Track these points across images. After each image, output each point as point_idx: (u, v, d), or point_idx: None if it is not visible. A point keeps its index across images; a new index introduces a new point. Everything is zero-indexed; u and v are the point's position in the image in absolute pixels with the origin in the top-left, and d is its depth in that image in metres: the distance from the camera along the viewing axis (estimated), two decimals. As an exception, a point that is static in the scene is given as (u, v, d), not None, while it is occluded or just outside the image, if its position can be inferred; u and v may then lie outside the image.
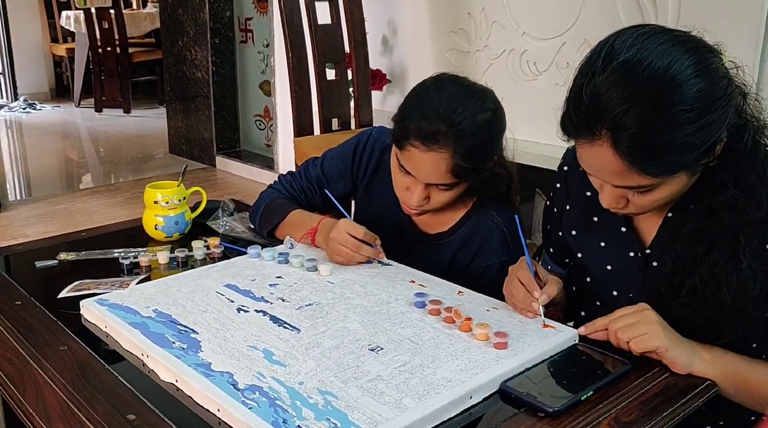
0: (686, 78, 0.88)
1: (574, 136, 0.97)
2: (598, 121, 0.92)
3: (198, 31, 4.49)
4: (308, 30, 2.72)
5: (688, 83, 0.88)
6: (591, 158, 0.97)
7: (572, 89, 0.97)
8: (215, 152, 4.65)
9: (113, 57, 6.10)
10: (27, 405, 0.90)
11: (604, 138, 0.92)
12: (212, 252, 1.40)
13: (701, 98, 0.89)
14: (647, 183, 0.94)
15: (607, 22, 2.29)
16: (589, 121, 0.93)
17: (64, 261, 1.38)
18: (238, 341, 1.01)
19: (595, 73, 0.92)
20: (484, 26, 2.67)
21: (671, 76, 0.88)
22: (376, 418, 0.82)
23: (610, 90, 0.90)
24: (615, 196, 1.00)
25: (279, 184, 1.54)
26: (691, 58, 0.89)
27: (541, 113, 2.61)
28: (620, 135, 0.90)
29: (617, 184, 0.97)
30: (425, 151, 1.22)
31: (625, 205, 1.01)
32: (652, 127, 0.89)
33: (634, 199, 0.99)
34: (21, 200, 4.05)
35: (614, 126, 0.90)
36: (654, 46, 0.90)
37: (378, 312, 1.10)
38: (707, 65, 0.90)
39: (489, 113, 1.26)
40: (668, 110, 0.88)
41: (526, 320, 1.08)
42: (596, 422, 0.87)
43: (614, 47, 0.92)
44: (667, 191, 0.97)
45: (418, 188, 1.28)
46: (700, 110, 0.89)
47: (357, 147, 1.49)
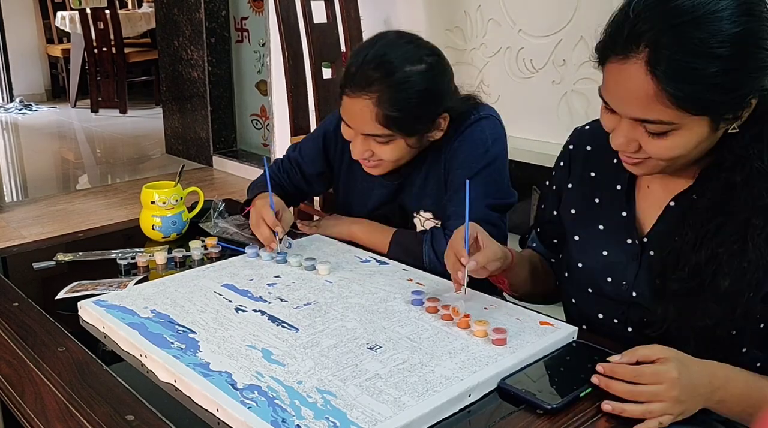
0: (729, 14, 0.88)
1: (609, 53, 0.95)
2: (639, 35, 0.91)
3: (194, 30, 4.48)
4: (304, 29, 2.72)
5: (730, 20, 0.88)
6: (620, 79, 0.95)
7: (618, 10, 0.97)
8: (212, 152, 4.65)
9: (109, 57, 6.09)
10: (25, 406, 0.90)
11: (641, 54, 0.91)
12: (210, 252, 1.39)
13: (741, 38, 0.88)
14: (668, 118, 0.92)
15: (604, 19, 2.28)
16: (629, 35, 0.92)
17: (61, 263, 1.38)
18: (236, 341, 1.01)
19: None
20: (480, 24, 2.67)
21: (715, 9, 0.88)
22: (375, 417, 0.82)
23: (656, 9, 0.91)
24: (628, 137, 0.97)
25: (271, 169, 1.59)
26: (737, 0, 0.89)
27: (537, 111, 2.62)
28: (658, 52, 0.90)
29: (637, 116, 0.95)
30: (352, 97, 1.27)
31: (635, 151, 0.98)
32: (689, 52, 0.89)
33: (646, 144, 0.96)
34: (18, 201, 4.04)
35: (654, 42, 0.90)
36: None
37: (376, 310, 1.10)
38: (755, 8, 0.90)
39: (422, 65, 1.26)
40: (707, 39, 0.88)
41: (524, 318, 1.08)
42: (594, 419, 0.87)
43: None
44: (684, 139, 0.94)
45: (358, 140, 1.32)
46: (737, 49, 0.88)
47: (327, 128, 1.54)
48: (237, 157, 4.56)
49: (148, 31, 6.65)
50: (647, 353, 0.90)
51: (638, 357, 0.90)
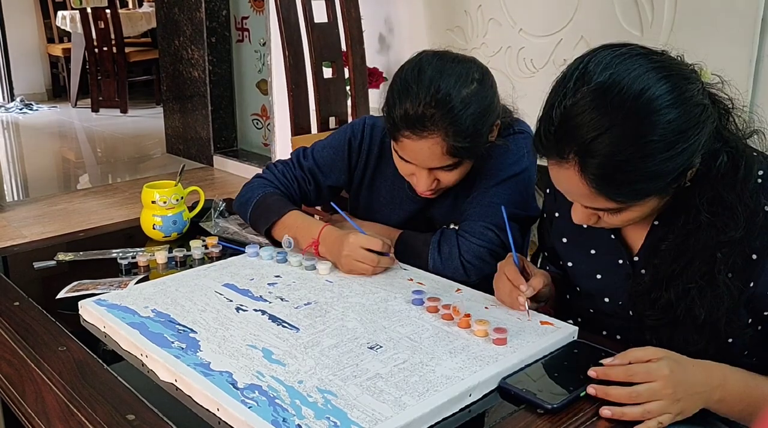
0: (658, 107, 0.87)
1: (545, 155, 0.97)
2: (566, 144, 0.91)
3: (194, 30, 4.48)
4: (305, 28, 2.72)
5: (660, 112, 0.87)
6: (559, 179, 0.97)
7: (544, 109, 0.96)
8: (212, 151, 4.65)
9: (109, 57, 6.09)
10: (26, 406, 0.90)
11: (572, 162, 0.92)
12: (210, 251, 1.39)
13: (673, 128, 0.88)
14: (615, 206, 0.95)
15: (604, 19, 2.29)
16: (557, 144, 0.93)
17: (62, 262, 1.38)
18: (237, 340, 1.01)
19: (566, 95, 0.91)
20: (481, 24, 2.67)
21: (643, 105, 0.87)
22: (376, 416, 0.82)
23: (580, 115, 0.90)
24: (586, 214, 1.00)
25: (269, 173, 1.48)
26: (665, 86, 0.88)
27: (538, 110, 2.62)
28: (587, 161, 0.90)
29: (587, 205, 0.98)
30: (417, 139, 1.20)
31: (596, 221, 1.01)
32: (620, 156, 0.88)
33: (604, 218, 0.99)
34: (18, 201, 4.04)
35: (582, 151, 0.90)
36: (628, 71, 0.88)
37: (376, 310, 1.10)
38: (682, 93, 0.89)
39: (474, 85, 1.22)
40: (638, 140, 0.88)
41: (524, 317, 1.08)
42: (595, 419, 0.87)
43: (588, 69, 0.91)
44: (637, 213, 0.97)
45: (423, 174, 1.27)
46: (670, 140, 0.88)
47: (352, 138, 1.46)
48: (237, 157, 4.56)
49: (148, 31, 6.65)
50: (640, 354, 0.91)
51: (631, 358, 0.90)
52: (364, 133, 1.45)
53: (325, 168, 1.47)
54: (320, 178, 1.47)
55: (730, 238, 0.94)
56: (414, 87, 1.20)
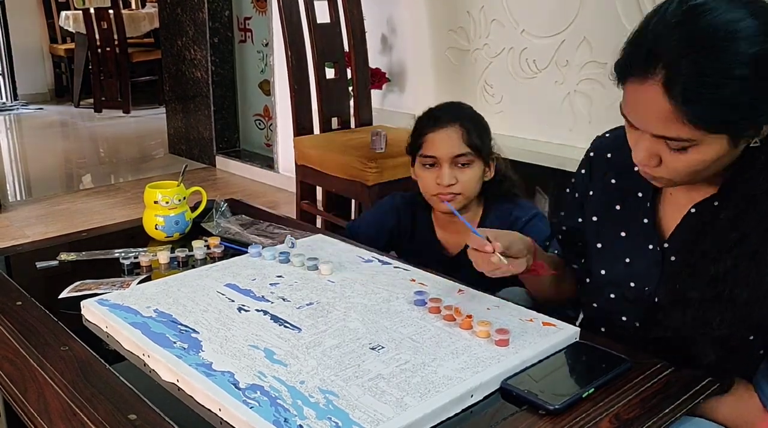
0: (748, 35, 0.88)
1: (627, 74, 0.95)
2: (656, 57, 0.91)
3: (197, 30, 4.49)
4: (307, 29, 2.72)
5: (749, 41, 0.88)
6: (638, 99, 0.95)
7: (638, 27, 0.96)
8: (215, 152, 4.65)
9: (112, 57, 6.10)
10: (28, 405, 0.90)
11: (658, 76, 0.91)
12: (213, 251, 1.40)
13: (758, 62, 0.88)
14: (687, 135, 0.92)
15: (606, 20, 2.29)
16: (647, 57, 0.92)
17: (64, 262, 1.38)
18: (238, 340, 1.01)
19: (665, 13, 0.92)
20: (483, 24, 2.67)
21: (734, 30, 0.88)
22: (378, 417, 0.82)
23: (674, 30, 0.90)
24: (649, 152, 0.97)
25: None
26: (755, 21, 0.89)
27: (540, 111, 2.62)
28: (674, 74, 0.89)
29: (656, 133, 0.95)
30: (438, 130, 1.52)
31: (657, 165, 0.98)
32: (706, 73, 0.88)
33: (667, 158, 0.96)
34: (21, 201, 4.05)
35: (671, 64, 0.90)
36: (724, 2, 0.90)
37: (378, 310, 1.10)
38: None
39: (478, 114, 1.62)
40: (725, 61, 0.88)
41: (526, 318, 1.08)
42: (597, 419, 0.87)
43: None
44: (703, 155, 0.94)
45: (445, 167, 1.51)
46: (755, 71, 0.88)
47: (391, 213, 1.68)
48: (240, 157, 4.56)
49: (151, 31, 6.65)
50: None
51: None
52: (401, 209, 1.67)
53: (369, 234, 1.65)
54: None
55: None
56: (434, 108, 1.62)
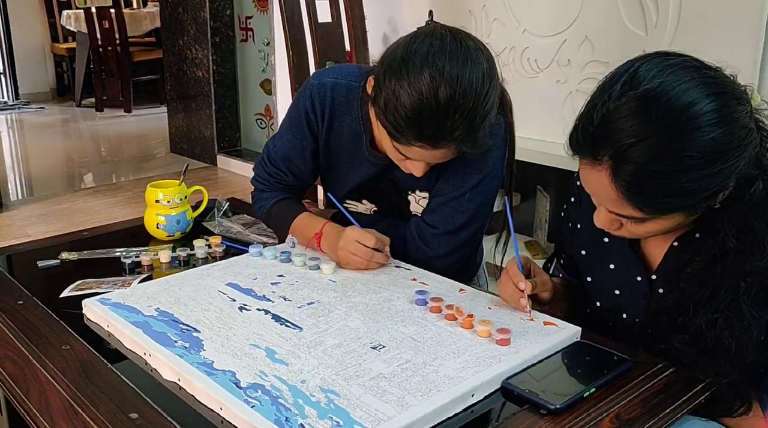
0: (703, 123, 0.85)
1: (578, 154, 0.96)
2: (602, 146, 0.90)
3: (198, 29, 4.49)
4: (309, 28, 2.73)
5: (704, 129, 0.85)
6: (589, 180, 0.96)
7: (586, 106, 0.94)
8: (216, 151, 4.65)
9: (114, 56, 6.10)
10: (30, 404, 0.90)
11: (605, 165, 0.91)
12: (214, 251, 1.40)
13: (713, 148, 0.86)
14: (639, 215, 0.93)
15: (608, 19, 2.28)
16: (593, 144, 0.91)
17: (66, 261, 1.38)
18: (240, 340, 1.01)
19: (612, 97, 0.90)
20: (485, 24, 2.67)
21: (688, 119, 0.85)
22: (379, 416, 0.82)
23: (622, 119, 0.88)
24: (609, 219, 0.99)
25: (259, 178, 1.47)
26: (713, 103, 0.86)
27: (542, 110, 2.62)
28: (621, 167, 0.89)
29: (611, 210, 0.96)
30: (431, 148, 1.14)
31: (618, 228, 1.00)
32: (654, 167, 0.87)
33: (627, 226, 0.98)
34: (22, 200, 4.05)
35: (617, 156, 0.89)
36: (678, 83, 0.87)
37: (380, 310, 1.10)
38: (729, 113, 0.87)
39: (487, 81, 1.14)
40: (677, 153, 0.86)
41: (527, 317, 1.08)
42: (598, 419, 0.87)
43: (638, 73, 0.89)
44: (662, 226, 0.96)
45: (422, 165, 1.21)
46: (708, 159, 0.86)
47: (307, 110, 1.37)
48: (241, 156, 4.57)
49: (152, 30, 6.65)
50: None
51: None
52: (314, 99, 1.35)
53: (293, 153, 1.41)
54: (297, 165, 1.42)
55: (755, 267, 0.92)
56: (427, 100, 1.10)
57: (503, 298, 1.12)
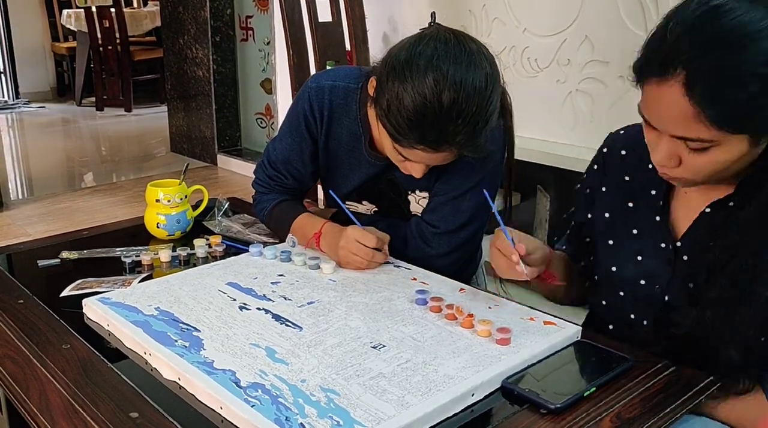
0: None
1: (646, 74, 0.94)
2: (675, 58, 0.89)
3: (199, 29, 4.49)
4: (309, 27, 2.73)
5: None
6: (658, 100, 0.93)
7: (657, 27, 0.94)
8: (216, 150, 4.65)
9: (114, 55, 6.11)
10: (30, 403, 0.90)
11: (678, 77, 0.89)
12: (214, 250, 1.40)
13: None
14: (708, 136, 0.91)
15: (608, 19, 2.28)
16: (666, 58, 0.90)
17: (66, 260, 1.38)
18: (240, 339, 1.01)
19: (685, 12, 0.90)
20: (485, 23, 2.67)
21: (755, 30, 0.86)
22: (379, 416, 0.82)
23: (694, 30, 0.88)
24: (669, 152, 0.96)
25: (260, 181, 1.48)
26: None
27: (542, 110, 2.62)
28: (695, 75, 0.88)
29: (676, 134, 0.93)
30: (433, 151, 1.15)
31: (676, 165, 0.97)
32: (727, 73, 0.87)
33: (687, 159, 0.95)
34: (23, 199, 4.06)
35: (691, 65, 0.88)
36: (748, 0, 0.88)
37: (380, 309, 1.10)
38: None
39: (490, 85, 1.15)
40: (746, 60, 0.86)
41: (527, 317, 1.08)
42: (598, 418, 0.87)
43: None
44: (724, 155, 0.93)
45: (422, 167, 1.21)
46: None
47: (306, 113, 1.37)
48: (241, 156, 4.57)
49: (153, 30, 6.66)
50: None
51: None
52: (312, 102, 1.36)
53: (293, 156, 1.42)
54: (296, 168, 1.43)
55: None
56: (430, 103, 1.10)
57: (499, 273, 1.11)
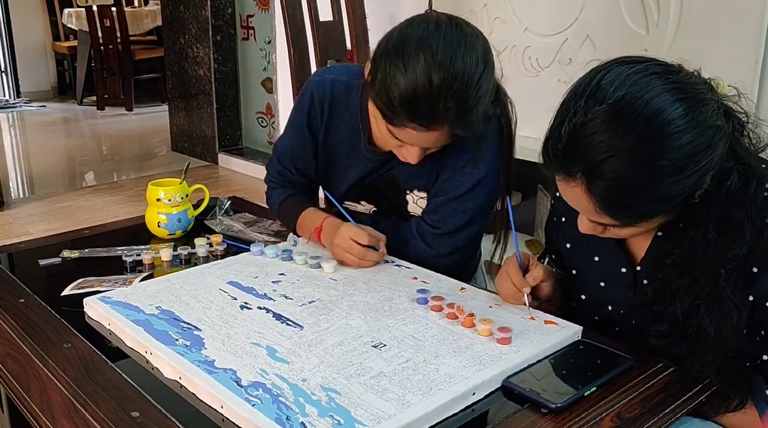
0: (671, 132, 0.85)
1: (550, 171, 0.96)
2: (573, 163, 0.90)
3: (199, 28, 4.49)
4: (310, 26, 2.73)
5: (672, 137, 0.85)
6: (566, 194, 0.96)
7: (553, 124, 0.94)
8: (217, 149, 4.65)
9: (115, 55, 6.10)
10: (31, 402, 0.90)
11: (579, 180, 0.91)
12: (215, 249, 1.40)
13: (684, 153, 0.86)
14: (619, 223, 0.94)
15: (610, 18, 2.28)
16: (565, 162, 0.91)
17: (67, 259, 1.38)
18: (241, 338, 1.01)
19: (577, 112, 0.89)
20: (486, 22, 2.67)
21: (655, 129, 0.85)
22: (380, 415, 0.82)
23: (589, 135, 0.88)
24: (592, 225, 0.99)
25: (270, 176, 1.52)
26: (679, 109, 0.86)
27: (543, 109, 2.61)
28: (594, 182, 0.89)
29: (590, 219, 0.97)
30: (425, 130, 1.15)
31: (602, 231, 1.00)
32: (628, 180, 0.87)
33: (611, 230, 0.98)
34: (24, 198, 4.06)
35: (589, 172, 0.89)
36: (642, 93, 0.86)
37: (381, 308, 1.10)
38: (695, 117, 0.86)
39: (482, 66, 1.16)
40: (648, 164, 0.86)
41: (528, 316, 1.08)
42: (599, 418, 0.87)
43: (600, 86, 0.89)
44: (644, 228, 0.96)
45: (417, 150, 1.21)
46: (680, 166, 0.86)
47: (310, 108, 1.39)
48: (242, 155, 4.57)
49: (154, 29, 6.65)
50: None
51: None
52: (313, 95, 1.38)
53: (298, 151, 1.43)
54: (302, 163, 1.44)
55: (735, 255, 0.92)
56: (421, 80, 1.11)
57: (501, 295, 1.12)
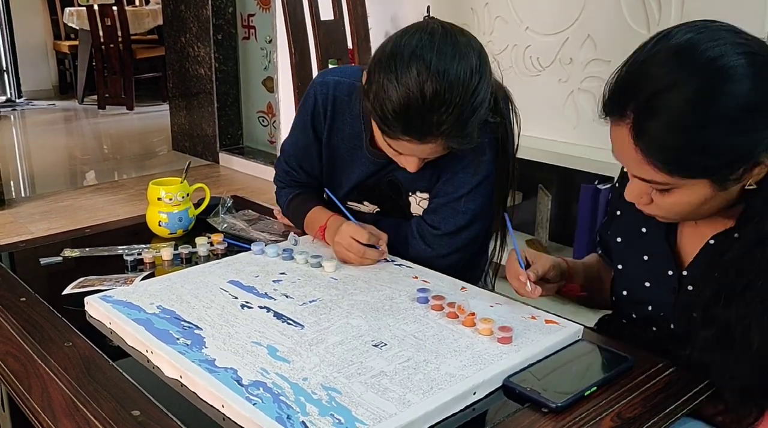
0: (731, 76, 0.82)
1: (606, 112, 0.92)
2: (628, 98, 0.88)
3: (200, 27, 4.49)
4: (311, 26, 2.73)
5: (733, 82, 0.82)
6: (615, 141, 0.92)
7: (619, 65, 0.92)
8: (218, 149, 4.65)
9: (116, 54, 6.10)
10: (32, 401, 0.90)
11: (628, 120, 0.88)
12: (216, 248, 1.40)
13: (740, 103, 0.82)
14: (662, 180, 0.89)
15: (611, 17, 2.28)
16: (620, 98, 0.89)
17: (68, 258, 1.38)
18: (242, 337, 1.01)
19: (642, 50, 0.89)
20: (487, 21, 2.67)
21: (716, 70, 0.83)
22: (380, 414, 0.82)
23: (649, 68, 0.86)
24: (638, 190, 0.95)
25: (278, 176, 1.53)
26: (743, 59, 0.83)
27: (544, 109, 2.62)
28: (643, 120, 0.86)
29: (636, 175, 0.93)
30: (419, 142, 1.15)
31: (648, 202, 0.96)
32: (678, 119, 0.84)
33: (655, 198, 0.94)
34: (25, 197, 4.06)
35: (641, 108, 0.86)
36: (711, 38, 0.85)
37: (381, 308, 1.10)
38: (759, 72, 0.83)
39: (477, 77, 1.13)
40: (701, 104, 0.83)
41: (529, 315, 1.08)
42: (599, 418, 0.87)
43: (671, 31, 0.88)
44: (687, 198, 0.91)
45: (415, 160, 1.22)
46: (735, 116, 0.82)
47: (312, 107, 1.39)
48: (243, 154, 4.57)
49: (155, 28, 6.66)
50: None
51: None
52: (317, 96, 1.38)
53: (303, 151, 1.44)
54: (307, 162, 1.46)
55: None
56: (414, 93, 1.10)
57: (513, 289, 1.13)
